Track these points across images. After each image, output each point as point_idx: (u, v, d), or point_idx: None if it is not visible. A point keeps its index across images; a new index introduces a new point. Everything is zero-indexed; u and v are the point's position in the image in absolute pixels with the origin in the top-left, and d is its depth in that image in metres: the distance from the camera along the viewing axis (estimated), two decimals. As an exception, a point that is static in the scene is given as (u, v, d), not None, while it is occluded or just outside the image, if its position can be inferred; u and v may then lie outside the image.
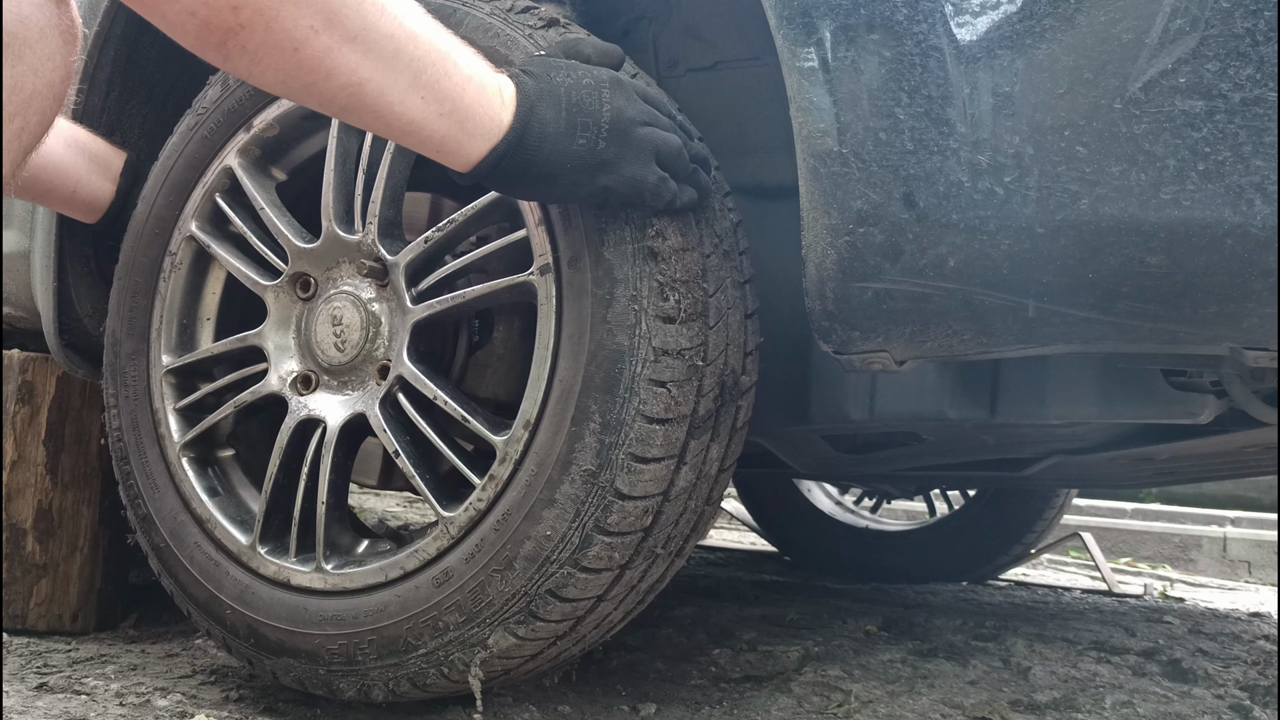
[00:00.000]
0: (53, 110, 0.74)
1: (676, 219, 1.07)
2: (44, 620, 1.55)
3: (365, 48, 0.84)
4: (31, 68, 0.70)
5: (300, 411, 1.24)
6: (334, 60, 0.83)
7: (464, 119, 0.93)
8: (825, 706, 1.41)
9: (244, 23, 0.79)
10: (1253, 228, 0.84)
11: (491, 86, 0.95)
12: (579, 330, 1.07)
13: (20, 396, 1.58)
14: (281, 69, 0.83)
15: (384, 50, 0.86)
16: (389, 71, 0.87)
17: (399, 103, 0.89)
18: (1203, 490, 6.35)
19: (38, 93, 0.71)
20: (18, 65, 0.69)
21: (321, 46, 0.82)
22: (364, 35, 0.84)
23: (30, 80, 0.70)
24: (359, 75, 0.85)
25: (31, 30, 0.69)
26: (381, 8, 0.85)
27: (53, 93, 0.73)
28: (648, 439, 1.04)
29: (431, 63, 0.89)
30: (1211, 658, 1.94)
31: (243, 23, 0.79)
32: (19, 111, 0.70)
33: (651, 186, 1.00)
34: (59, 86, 0.73)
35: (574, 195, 1.01)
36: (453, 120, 0.92)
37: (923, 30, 0.94)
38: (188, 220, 1.34)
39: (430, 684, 1.13)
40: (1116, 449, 1.63)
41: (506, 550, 1.08)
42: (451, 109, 0.92)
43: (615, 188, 0.99)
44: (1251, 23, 0.82)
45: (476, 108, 0.93)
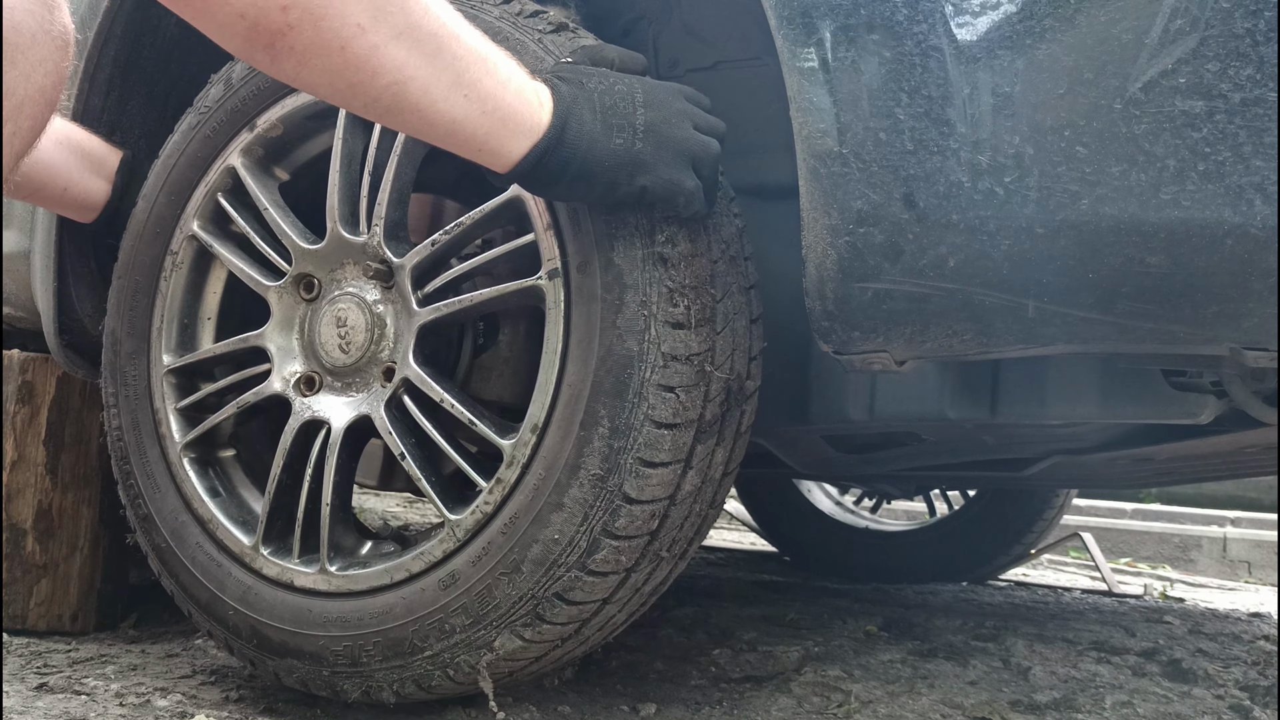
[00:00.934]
0: (45, 115, 0.74)
1: (686, 225, 1.07)
2: (44, 620, 1.55)
3: (410, 45, 0.85)
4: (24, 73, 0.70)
5: (304, 413, 1.24)
6: (380, 58, 0.84)
7: (505, 117, 0.93)
8: (825, 706, 1.41)
9: (293, 23, 0.80)
10: (1253, 228, 0.84)
11: (529, 88, 0.96)
12: (588, 335, 1.07)
13: (20, 396, 1.58)
14: (328, 68, 0.84)
15: (428, 48, 0.86)
16: (433, 69, 0.88)
17: (442, 100, 0.90)
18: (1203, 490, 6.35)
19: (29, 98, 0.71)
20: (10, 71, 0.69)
21: (368, 44, 0.83)
22: (409, 32, 0.85)
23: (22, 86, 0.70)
24: (404, 73, 0.86)
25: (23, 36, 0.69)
26: (425, 7, 0.86)
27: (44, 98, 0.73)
28: (656, 444, 1.05)
29: (473, 62, 0.90)
30: (1211, 658, 1.94)
31: (291, 23, 0.80)
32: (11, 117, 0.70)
33: (687, 191, 1.01)
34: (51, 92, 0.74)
35: (611, 195, 1.01)
36: (495, 119, 0.93)
37: (923, 30, 0.94)
38: (189, 219, 1.34)
39: (436, 686, 1.13)
40: (1116, 449, 1.63)
41: (514, 553, 1.08)
42: (494, 107, 0.92)
43: (652, 188, 1.00)
44: (1251, 23, 0.83)
45: (518, 105, 0.94)
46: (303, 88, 0.90)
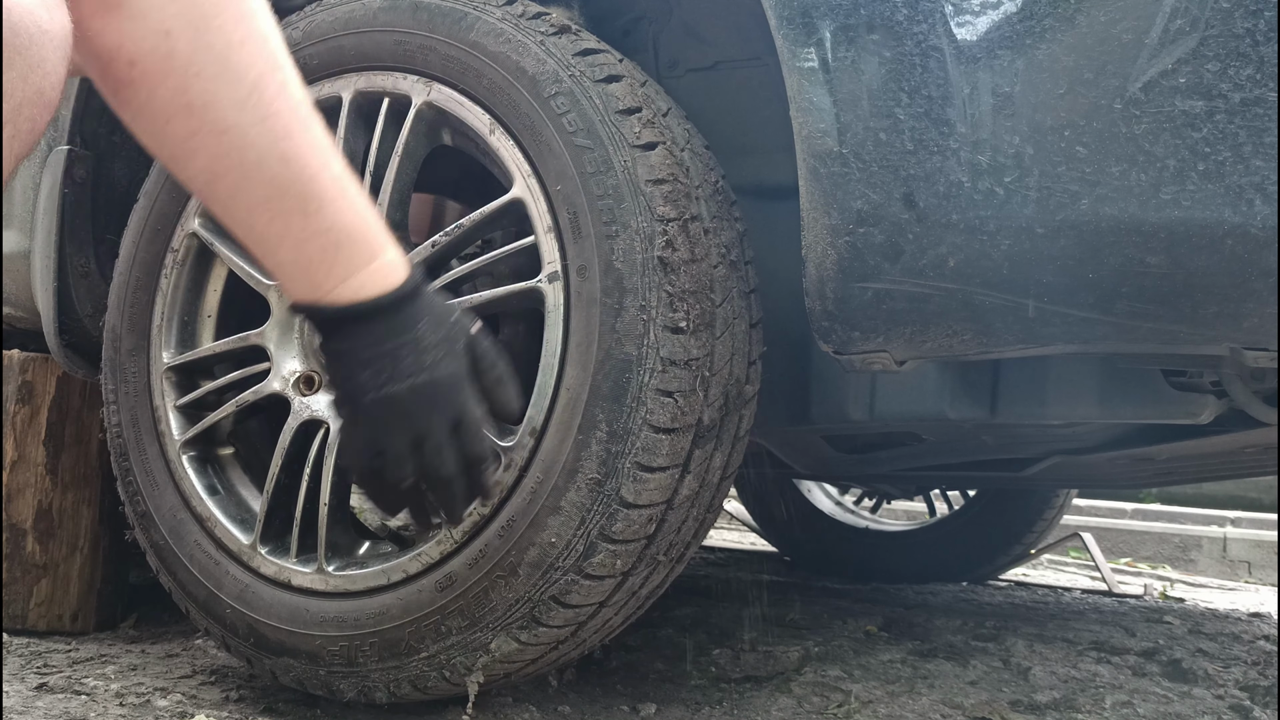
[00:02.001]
0: (44, 118, 0.74)
1: (687, 229, 1.07)
2: (44, 620, 1.55)
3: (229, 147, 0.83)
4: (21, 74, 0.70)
5: (303, 412, 1.24)
6: (195, 144, 0.83)
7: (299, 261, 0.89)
8: (825, 707, 1.41)
9: (134, 79, 0.80)
10: (1253, 228, 0.84)
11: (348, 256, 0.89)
12: (587, 339, 1.07)
13: (20, 396, 1.58)
14: (152, 134, 0.84)
15: (246, 158, 0.83)
16: (245, 179, 0.85)
17: (245, 212, 0.87)
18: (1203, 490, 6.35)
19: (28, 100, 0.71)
20: (9, 72, 0.69)
21: (188, 129, 0.82)
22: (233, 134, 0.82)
23: (20, 87, 0.70)
24: (215, 168, 0.84)
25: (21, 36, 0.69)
26: (264, 117, 0.83)
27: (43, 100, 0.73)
28: (654, 448, 1.05)
29: (294, 194, 0.86)
30: (1211, 658, 1.94)
31: (134, 79, 0.80)
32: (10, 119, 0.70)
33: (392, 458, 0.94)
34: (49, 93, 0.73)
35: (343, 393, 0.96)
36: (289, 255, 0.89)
37: (923, 30, 0.94)
38: (190, 217, 1.34)
39: (431, 686, 1.13)
40: (1116, 449, 1.63)
41: (511, 556, 1.08)
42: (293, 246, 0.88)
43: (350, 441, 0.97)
44: (1251, 23, 0.83)
45: (316, 260, 0.89)
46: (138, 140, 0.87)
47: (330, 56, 1.27)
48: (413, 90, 1.21)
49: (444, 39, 1.19)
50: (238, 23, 0.81)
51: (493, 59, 1.15)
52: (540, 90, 1.12)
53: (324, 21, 1.28)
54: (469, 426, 0.94)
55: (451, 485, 0.96)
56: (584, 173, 1.09)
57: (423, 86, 1.21)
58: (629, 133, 1.10)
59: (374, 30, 1.24)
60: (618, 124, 1.10)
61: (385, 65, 1.23)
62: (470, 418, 0.94)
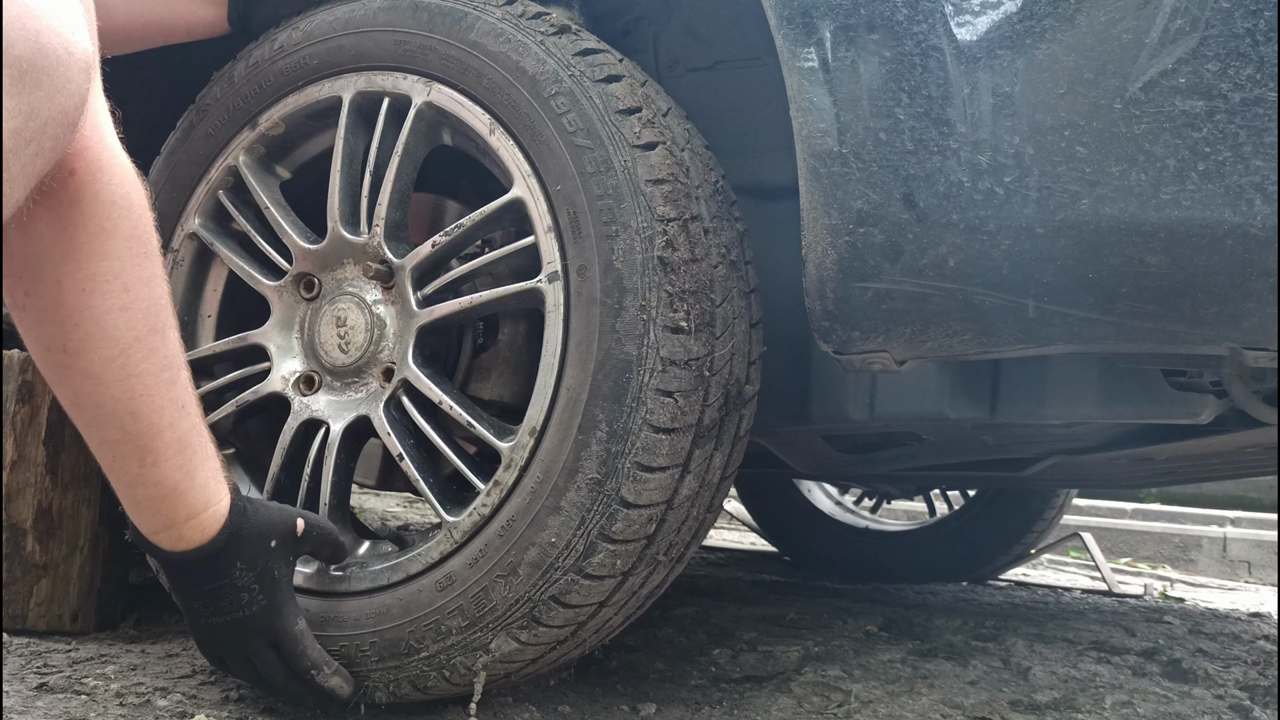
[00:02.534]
0: (66, 137, 0.76)
1: (687, 229, 1.07)
2: (44, 620, 1.55)
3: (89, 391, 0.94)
4: (48, 95, 0.71)
5: (303, 412, 1.24)
6: (63, 375, 0.94)
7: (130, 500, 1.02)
8: (825, 706, 1.41)
9: (26, 307, 0.91)
10: (1253, 228, 0.84)
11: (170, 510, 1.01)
12: (587, 339, 1.07)
13: (20, 396, 1.58)
14: (34, 350, 0.94)
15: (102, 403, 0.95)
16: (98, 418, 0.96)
17: (95, 444, 0.98)
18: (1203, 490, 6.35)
19: (52, 119, 0.73)
20: (35, 92, 0.70)
21: (59, 363, 0.93)
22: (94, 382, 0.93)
23: (46, 107, 0.71)
24: (76, 402, 0.95)
25: (49, 58, 0.70)
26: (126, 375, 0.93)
27: (67, 119, 0.75)
28: (654, 448, 1.05)
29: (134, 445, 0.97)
30: (1211, 658, 1.94)
31: (25, 307, 0.91)
32: (34, 138, 0.72)
33: None
34: (73, 114, 0.75)
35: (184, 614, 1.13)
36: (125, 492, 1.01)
37: (923, 30, 0.94)
38: (190, 217, 1.34)
39: (431, 686, 1.13)
40: (1116, 449, 1.63)
41: (511, 556, 1.08)
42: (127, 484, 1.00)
43: None
44: (1251, 23, 0.83)
45: (143, 506, 1.02)
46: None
47: (330, 57, 1.27)
48: (413, 90, 1.22)
49: (444, 39, 1.19)
50: (123, 292, 0.91)
51: (493, 59, 1.15)
52: (540, 90, 1.12)
53: (324, 22, 1.28)
54: (288, 646, 1.09)
55: (287, 689, 1.11)
56: (584, 172, 1.09)
57: (423, 86, 1.21)
58: (629, 133, 1.10)
59: (374, 30, 1.24)
60: (618, 124, 1.10)
61: (385, 65, 1.24)
62: (288, 638, 1.09)
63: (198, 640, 1.13)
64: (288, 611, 1.09)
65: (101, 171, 0.88)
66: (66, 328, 0.90)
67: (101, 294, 0.90)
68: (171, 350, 0.96)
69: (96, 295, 0.90)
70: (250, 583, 1.06)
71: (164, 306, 0.96)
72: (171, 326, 0.97)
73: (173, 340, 0.97)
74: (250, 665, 1.10)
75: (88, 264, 0.89)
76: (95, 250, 0.89)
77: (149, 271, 0.93)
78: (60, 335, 0.91)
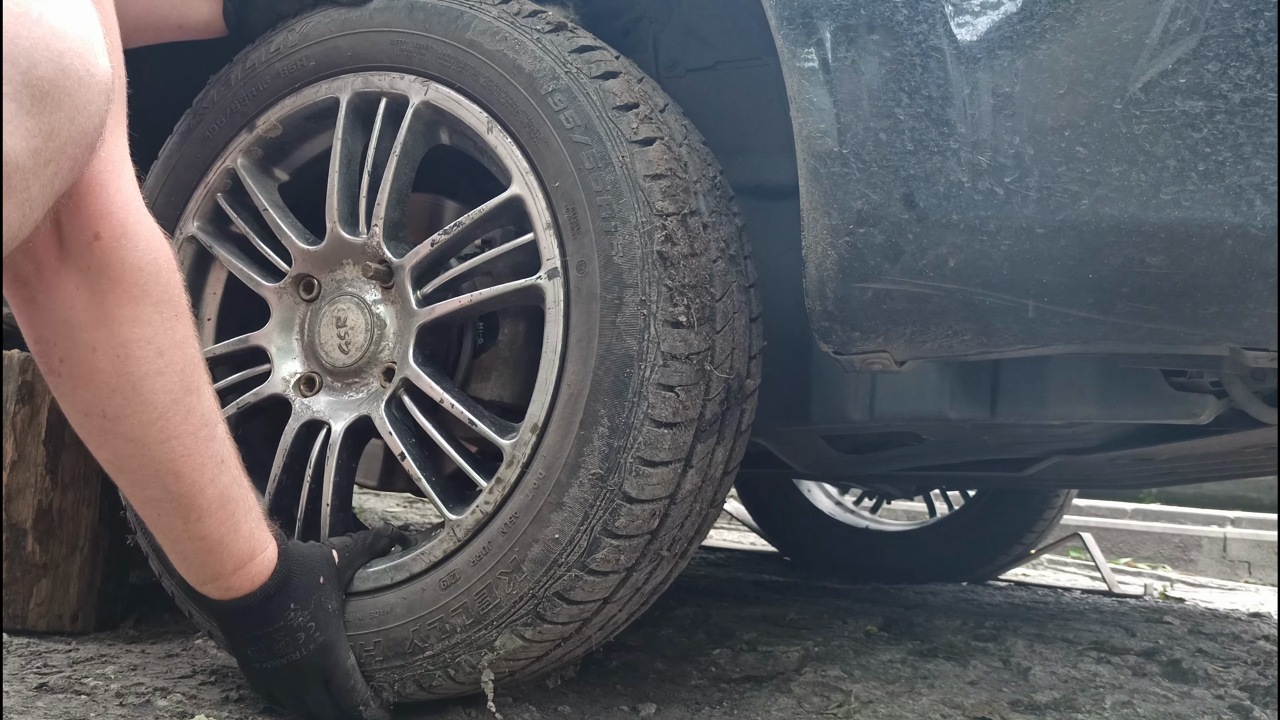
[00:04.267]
0: (85, 157, 0.77)
1: (685, 224, 1.07)
2: (44, 620, 1.55)
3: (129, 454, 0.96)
4: (69, 115, 0.72)
5: (304, 413, 1.24)
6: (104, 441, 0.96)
7: (178, 555, 1.04)
8: (825, 707, 1.41)
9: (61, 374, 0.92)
10: (1253, 228, 0.84)
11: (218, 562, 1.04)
12: (587, 334, 1.07)
13: (20, 396, 1.58)
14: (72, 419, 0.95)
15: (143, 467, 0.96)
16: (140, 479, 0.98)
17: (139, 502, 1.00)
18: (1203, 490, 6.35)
19: (72, 140, 0.73)
20: (57, 113, 0.71)
21: (100, 428, 0.94)
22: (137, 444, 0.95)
23: (66, 128, 0.72)
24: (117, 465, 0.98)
25: (70, 79, 0.71)
26: (166, 438, 0.95)
27: (86, 140, 0.75)
28: (656, 443, 1.05)
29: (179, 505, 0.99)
30: (1211, 658, 1.94)
31: (60, 374, 0.92)
32: (54, 158, 0.72)
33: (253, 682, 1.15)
34: (92, 134, 0.76)
35: None
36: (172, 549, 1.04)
37: (923, 30, 0.94)
38: (189, 220, 1.34)
39: (436, 685, 1.13)
40: (1116, 449, 1.63)
41: (514, 553, 1.08)
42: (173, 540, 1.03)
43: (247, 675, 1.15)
44: (1251, 23, 0.83)
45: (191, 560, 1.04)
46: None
47: (327, 58, 1.27)
48: (410, 90, 1.22)
49: (440, 38, 1.19)
50: (157, 357, 0.93)
51: (489, 57, 1.15)
52: (537, 88, 1.12)
53: (320, 23, 1.28)
54: (339, 682, 1.11)
55: None
56: (582, 169, 1.09)
57: (420, 86, 1.21)
58: (626, 128, 1.10)
59: (370, 31, 1.24)
60: (615, 120, 1.10)
61: (382, 65, 1.24)
62: (340, 674, 1.11)
63: (251, 683, 1.16)
64: (340, 648, 1.11)
65: (127, 237, 0.89)
66: (104, 394, 0.92)
67: (136, 360, 0.92)
68: (207, 408, 0.98)
69: (131, 362, 0.91)
70: (306, 621, 1.09)
71: (197, 366, 0.97)
72: (205, 383, 0.99)
73: (208, 397, 0.99)
74: (302, 702, 1.13)
75: (120, 331, 0.90)
76: (127, 317, 0.90)
77: (181, 334, 0.95)
78: (99, 401, 0.92)
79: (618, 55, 1.18)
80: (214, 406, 1.00)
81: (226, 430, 1.02)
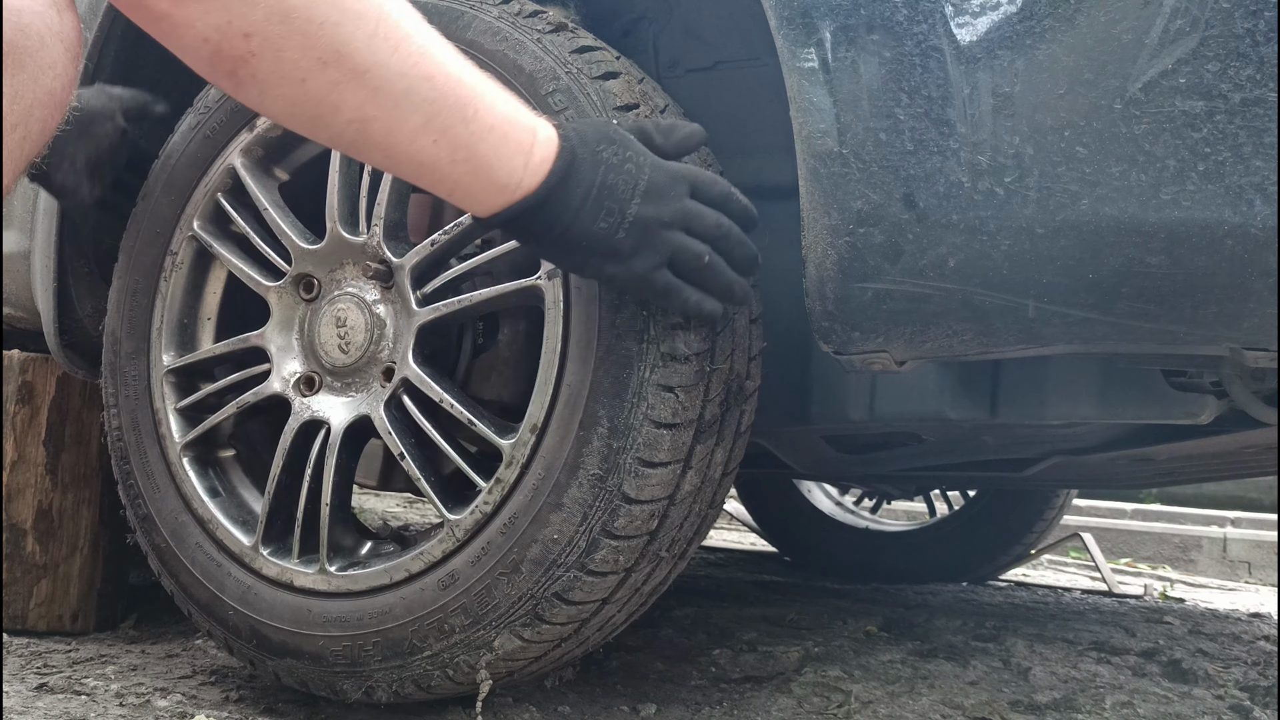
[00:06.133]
0: (54, 119, 0.74)
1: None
2: (44, 620, 1.55)
3: (374, 85, 0.83)
4: (32, 76, 0.70)
5: (304, 413, 1.24)
6: (340, 94, 0.82)
7: (477, 168, 0.90)
8: (825, 707, 1.41)
9: (254, 50, 0.78)
10: (1253, 228, 0.84)
11: (518, 141, 0.91)
12: (587, 335, 1.07)
13: (20, 397, 1.58)
14: (289, 99, 0.83)
15: (394, 89, 0.84)
16: (398, 110, 0.85)
17: (408, 143, 0.87)
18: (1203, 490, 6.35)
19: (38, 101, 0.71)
20: (18, 75, 0.69)
21: (328, 80, 0.81)
22: (373, 71, 0.82)
23: (30, 89, 0.70)
24: (365, 112, 0.84)
25: (31, 39, 0.69)
26: (395, 45, 0.83)
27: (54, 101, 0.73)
28: (655, 444, 1.05)
29: (448, 106, 0.86)
30: (1211, 658, 1.94)
31: (254, 50, 0.78)
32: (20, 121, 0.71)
33: (659, 290, 0.98)
34: (60, 94, 0.74)
35: (583, 271, 1.02)
36: (465, 168, 0.90)
37: (923, 31, 0.94)
38: (190, 219, 1.34)
39: (435, 686, 1.13)
40: (1116, 449, 1.63)
41: (513, 553, 1.08)
42: (466, 156, 0.89)
43: (619, 278, 0.98)
44: (1251, 23, 0.83)
45: (493, 160, 0.90)
46: (267, 115, 0.88)
47: (330, 57, 1.27)
48: (413, 91, 1.21)
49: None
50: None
51: (490, 57, 1.15)
52: (538, 88, 1.12)
53: (324, 22, 1.28)
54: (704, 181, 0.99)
55: (731, 235, 1.00)
56: (583, 172, 1.09)
57: (423, 87, 1.21)
58: (628, 131, 1.09)
59: (374, 31, 1.24)
60: (615, 121, 1.10)
61: (385, 66, 1.23)
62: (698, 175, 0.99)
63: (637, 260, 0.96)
64: None
65: None
66: (311, 31, 0.79)
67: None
68: (408, 6, 0.85)
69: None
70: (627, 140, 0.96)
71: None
72: None
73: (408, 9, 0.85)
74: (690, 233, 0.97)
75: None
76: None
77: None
78: (310, 48, 0.79)
79: (618, 56, 1.18)
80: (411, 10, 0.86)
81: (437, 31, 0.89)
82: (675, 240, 0.96)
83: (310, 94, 0.82)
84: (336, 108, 0.83)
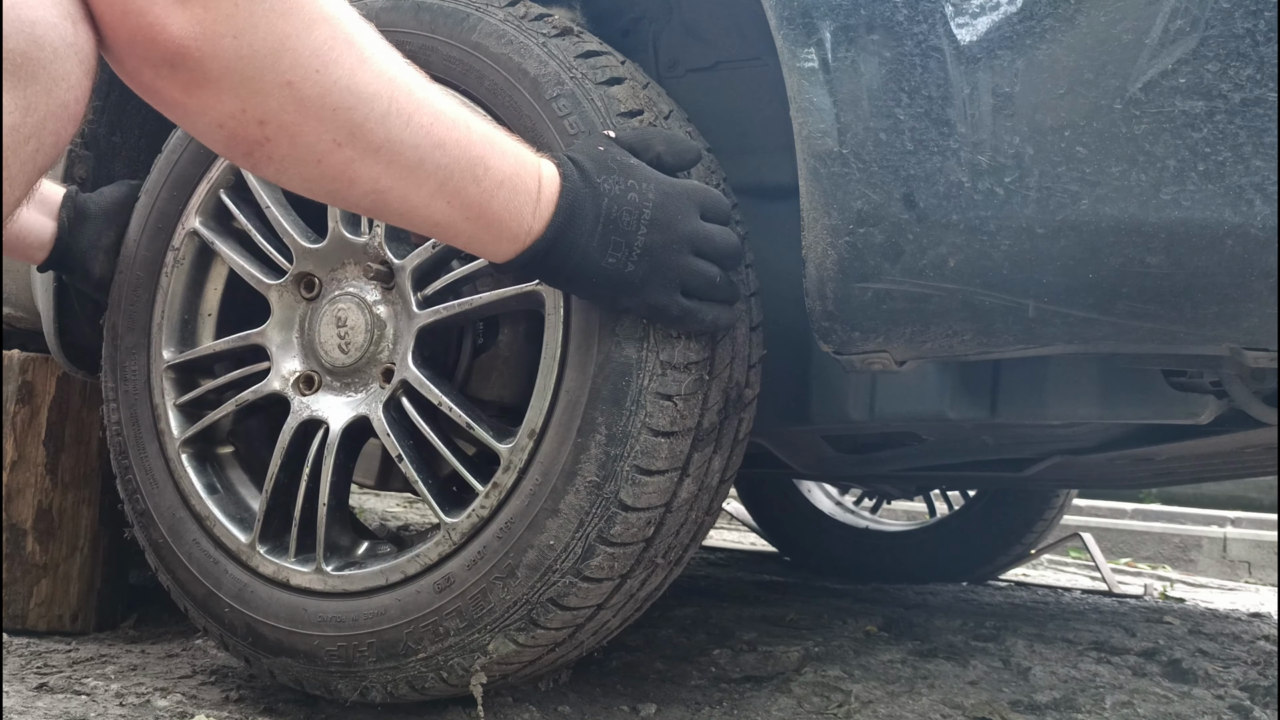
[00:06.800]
0: (67, 131, 0.74)
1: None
2: (44, 620, 1.55)
3: (388, 159, 0.85)
4: (45, 89, 0.70)
5: (303, 412, 1.24)
6: (356, 170, 0.85)
7: (489, 224, 0.93)
8: (825, 707, 1.41)
9: (270, 135, 0.80)
10: (1253, 228, 0.84)
11: (526, 191, 0.94)
12: (586, 342, 1.07)
13: (20, 396, 1.58)
14: (306, 177, 0.85)
15: (408, 160, 0.86)
16: (413, 179, 0.87)
17: (423, 207, 0.90)
18: (1203, 490, 6.35)
19: (52, 114, 0.72)
20: (31, 86, 0.69)
21: (344, 159, 0.84)
22: (387, 148, 0.84)
23: (44, 101, 0.70)
24: (381, 184, 0.87)
25: (45, 51, 0.70)
26: (407, 119, 0.85)
27: (67, 114, 0.73)
28: (653, 452, 1.05)
29: (459, 169, 0.89)
30: (1211, 658, 1.94)
31: (269, 135, 0.80)
32: (34, 134, 0.71)
33: (674, 316, 1.01)
34: (73, 107, 0.74)
35: (598, 303, 1.04)
36: (479, 224, 0.93)
37: (923, 31, 0.94)
38: (191, 215, 1.34)
39: (429, 687, 1.13)
40: (1116, 449, 1.63)
41: (509, 558, 1.08)
42: (478, 214, 0.92)
43: (634, 309, 1.01)
44: (1251, 23, 0.83)
45: (504, 214, 0.93)
46: (285, 188, 0.90)
47: (330, 56, 1.26)
48: (413, 90, 1.21)
49: (445, 40, 1.19)
50: (347, 48, 0.81)
51: (495, 60, 1.15)
52: (542, 92, 1.12)
53: (324, 21, 1.28)
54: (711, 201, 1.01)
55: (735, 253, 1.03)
56: (585, 173, 1.09)
57: (423, 86, 1.21)
58: (630, 134, 1.09)
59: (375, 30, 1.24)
60: (620, 127, 1.10)
61: (385, 65, 1.23)
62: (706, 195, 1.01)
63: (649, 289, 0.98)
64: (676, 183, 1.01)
65: None
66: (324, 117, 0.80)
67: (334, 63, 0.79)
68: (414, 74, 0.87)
69: (330, 68, 0.79)
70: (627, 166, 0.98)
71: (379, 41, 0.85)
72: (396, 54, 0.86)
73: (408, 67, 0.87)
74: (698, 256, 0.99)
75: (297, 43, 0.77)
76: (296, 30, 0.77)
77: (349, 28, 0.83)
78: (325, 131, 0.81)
79: (623, 61, 1.18)
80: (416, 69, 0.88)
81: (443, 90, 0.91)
82: (686, 266, 0.99)
83: (326, 172, 0.85)
84: (353, 182, 0.86)
